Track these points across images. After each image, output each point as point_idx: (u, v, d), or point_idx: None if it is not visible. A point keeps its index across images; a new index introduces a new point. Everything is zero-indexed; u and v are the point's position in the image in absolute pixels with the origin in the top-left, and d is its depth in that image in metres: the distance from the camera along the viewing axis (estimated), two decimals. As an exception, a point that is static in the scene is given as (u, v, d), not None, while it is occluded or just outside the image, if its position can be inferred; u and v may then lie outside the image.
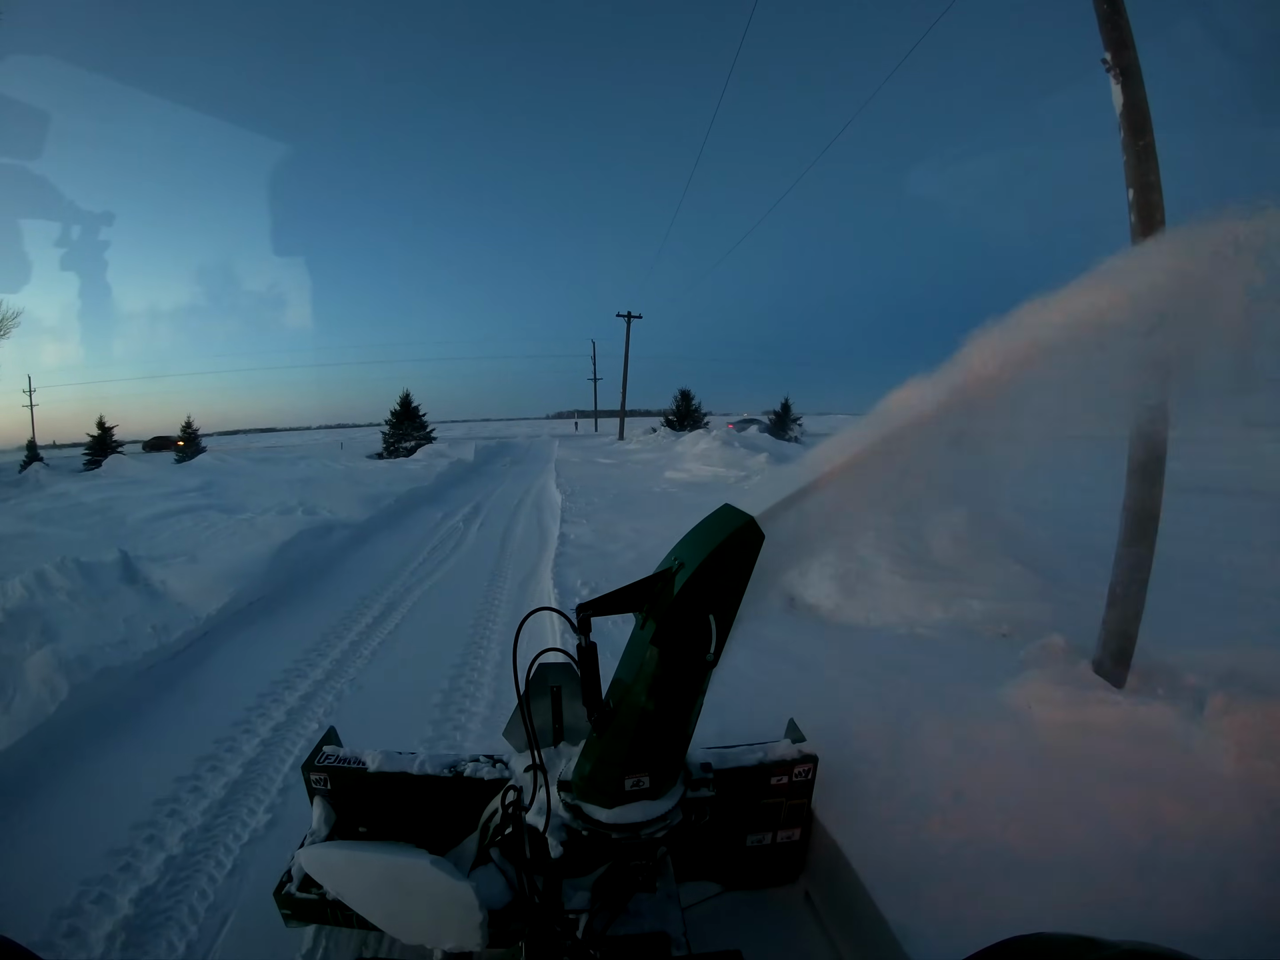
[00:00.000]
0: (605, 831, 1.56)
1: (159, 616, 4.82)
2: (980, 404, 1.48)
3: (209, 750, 3.14)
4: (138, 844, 2.48)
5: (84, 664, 3.84)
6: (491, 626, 4.56)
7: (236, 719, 3.42)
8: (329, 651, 4.27)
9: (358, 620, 4.85)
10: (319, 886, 1.75)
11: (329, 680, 3.87)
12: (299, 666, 4.06)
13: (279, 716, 3.45)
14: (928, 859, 1.87)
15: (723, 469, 10.61)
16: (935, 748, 2.39)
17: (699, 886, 2.09)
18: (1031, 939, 0.86)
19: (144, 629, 4.58)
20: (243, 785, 2.87)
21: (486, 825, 1.82)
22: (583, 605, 1.47)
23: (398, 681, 3.79)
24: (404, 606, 5.10)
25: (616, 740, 1.53)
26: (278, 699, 3.64)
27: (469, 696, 3.58)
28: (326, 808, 2.01)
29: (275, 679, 3.88)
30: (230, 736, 3.26)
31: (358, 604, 5.21)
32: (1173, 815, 1.97)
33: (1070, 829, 1.95)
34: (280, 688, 3.78)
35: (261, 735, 3.27)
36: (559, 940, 1.55)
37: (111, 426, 25.38)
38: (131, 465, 20.24)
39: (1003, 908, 1.69)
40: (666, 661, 1.44)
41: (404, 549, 7.13)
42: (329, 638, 4.51)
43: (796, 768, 2.03)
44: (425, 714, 3.38)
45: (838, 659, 3.32)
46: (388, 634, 4.49)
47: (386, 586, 5.69)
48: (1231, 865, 1.77)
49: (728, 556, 1.42)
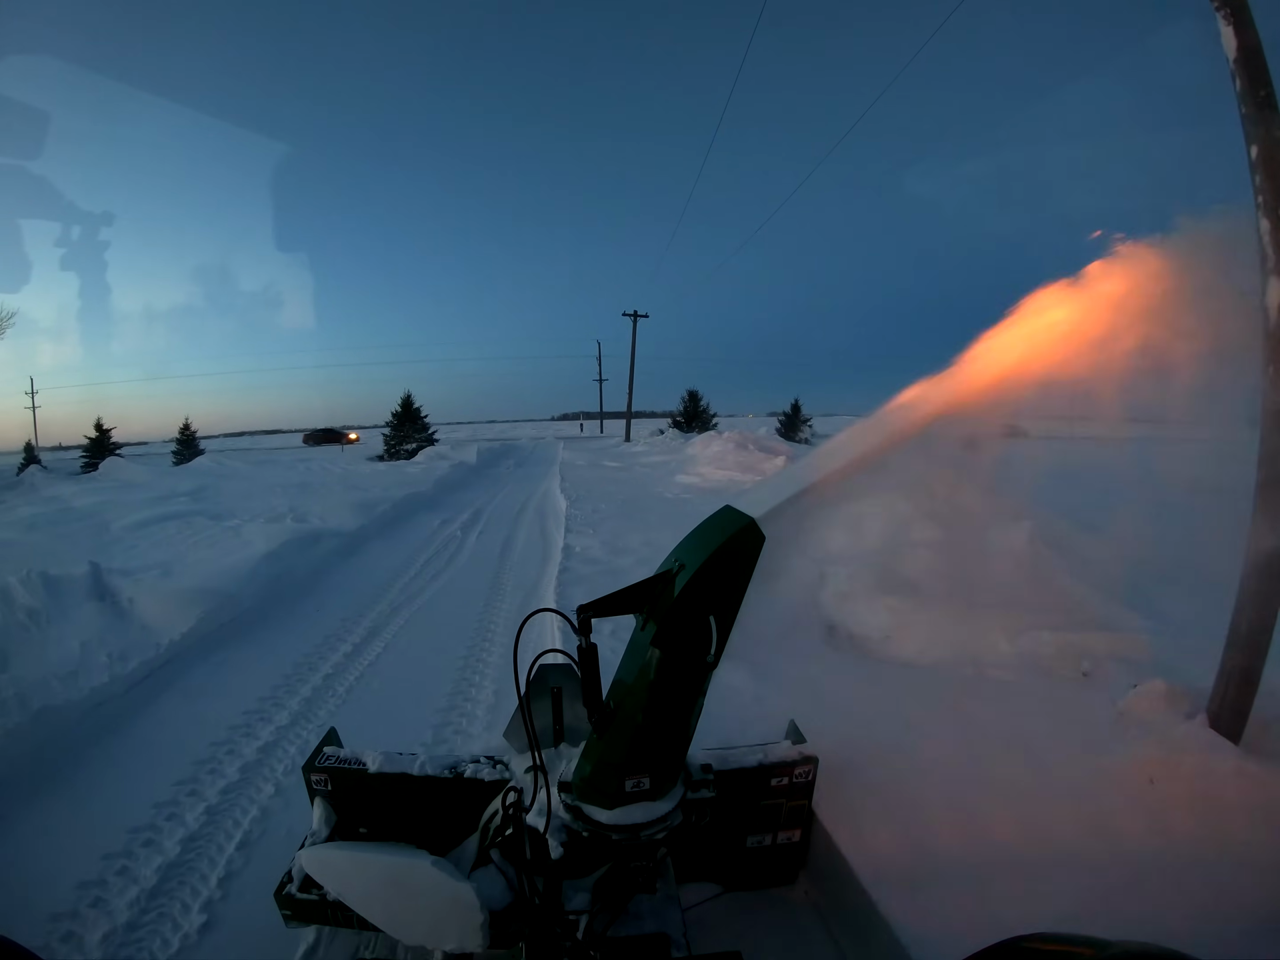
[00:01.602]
0: (605, 833, 1.55)
1: (118, 641, 4.34)
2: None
3: (146, 819, 2.61)
4: (53, 943, 1.99)
5: (22, 703, 3.35)
6: (485, 659, 4.00)
7: (182, 777, 2.89)
8: (298, 688, 3.74)
9: (335, 648, 4.31)
10: (319, 887, 1.73)
11: (294, 726, 3.34)
12: (263, 707, 3.53)
13: (231, 774, 2.93)
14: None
15: (738, 473, 10.04)
16: (1056, 860, 1.85)
17: (699, 888, 2.06)
18: (1031, 939, 0.85)
19: (99, 657, 4.09)
20: (178, 871, 2.34)
21: (487, 826, 1.81)
22: (583, 606, 1.46)
23: (373, 731, 3.24)
24: (388, 632, 4.55)
25: (617, 741, 1.53)
26: (233, 751, 3.11)
27: (456, 750, 3.04)
28: (327, 809, 1.98)
29: (234, 723, 3.35)
30: (172, 800, 2.74)
31: (338, 627, 4.67)
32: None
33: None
34: (239, 735, 3.25)
35: (208, 800, 2.74)
36: (559, 941, 1.53)
37: (110, 429, 25.01)
38: (128, 468, 19.99)
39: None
40: (667, 663, 1.44)
41: (395, 561, 6.59)
42: (301, 670, 3.97)
43: (797, 769, 2.02)
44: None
45: (892, 709, 2.76)
46: (367, 666, 3.95)
47: (372, 606, 5.15)
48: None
49: (728, 558, 1.42)
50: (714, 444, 12.79)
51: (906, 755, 2.36)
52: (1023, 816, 2.05)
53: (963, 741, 2.48)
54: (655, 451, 18.00)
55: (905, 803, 2.12)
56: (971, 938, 0.93)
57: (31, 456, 26.93)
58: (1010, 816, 2.05)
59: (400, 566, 6.36)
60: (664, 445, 19.47)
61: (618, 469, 14.03)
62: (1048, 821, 2.03)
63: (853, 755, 2.28)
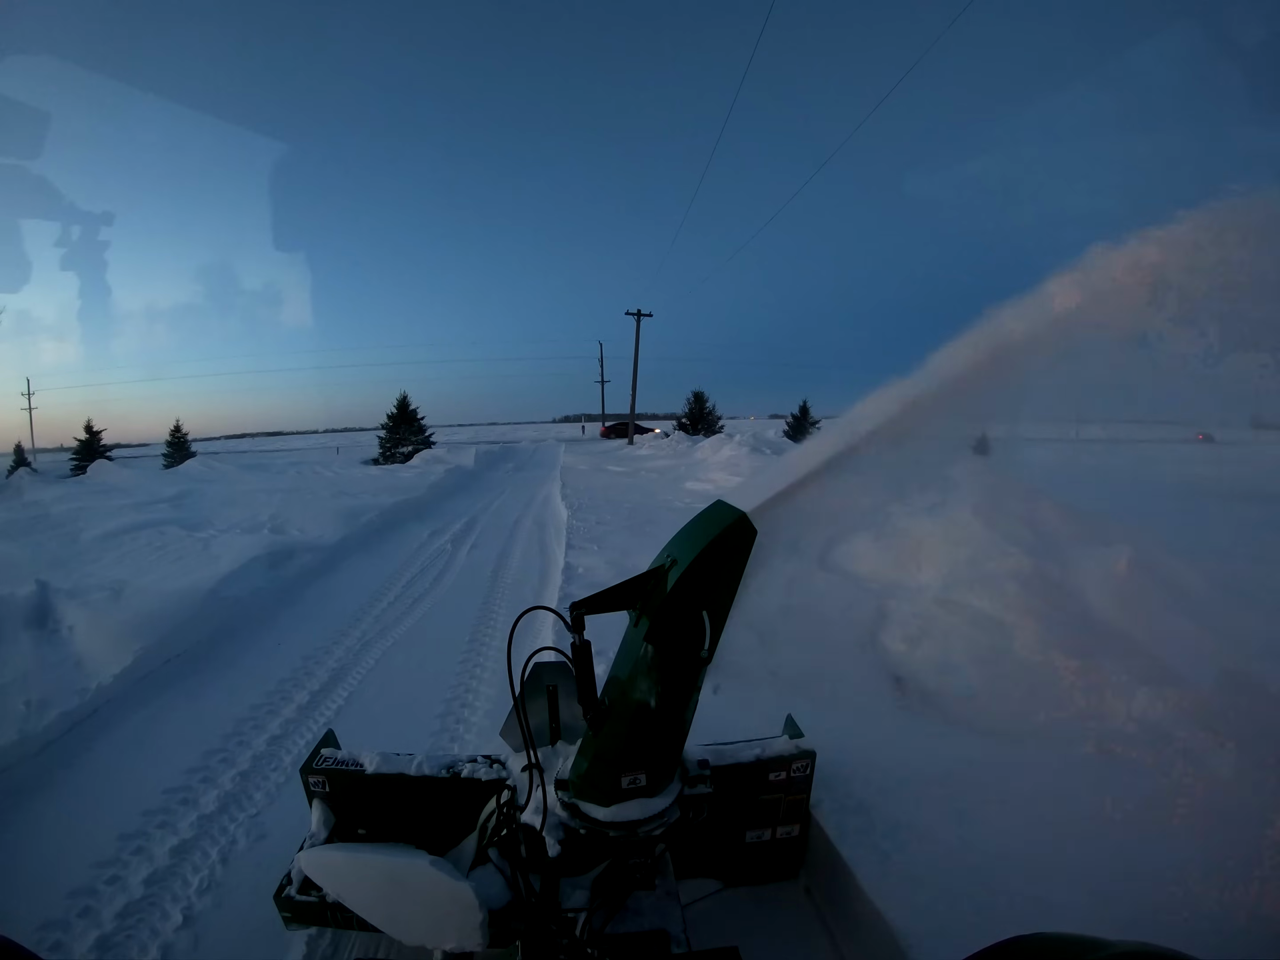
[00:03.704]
0: (603, 829, 1.54)
1: (44, 683, 3.70)
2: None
3: (30, 939, 1.94)
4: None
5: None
6: (467, 719, 3.27)
7: (78, 885, 2.20)
8: (238, 753, 3.02)
9: (290, 697, 3.60)
10: (319, 889, 1.71)
11: (227, 810, 2.63)
12: (189, 782, 2.81)
13: (141, 872, 2.24)
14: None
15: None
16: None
17: (699, 883, 2.04)
18: (1031, 939, 0.83)
19: (16, 705, 3.43)
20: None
21: (485, 825, 1.81)
22: (576, 603, 1.47)
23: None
24: (354, 678, 3.81)
25: (612, 738, 1.52)
26: (143, 850, 2.40)
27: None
28: (325, 810, 1.97)
29: (151, 806, 2.64)
30: (63, 922, 2.06)
31: (297, 670, 3.95)
32: None
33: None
34: (153, 822, 2.55)
35: (104, 928, 2.04)
36: (555, 939, 1.51)
37: (100, 431, 24.34)
38: (115, 472, 19.48)
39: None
40: (661, 659, 1.43)
41: (375, 581, 5.88)
42: (244, 726, 3.27)
43: (794, 763, 2.00)
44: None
45: (996, 816, 2.04)
46: (325, 724, 3.24)
47: (340, 641, 4.42)
48: None
49: (720, 553, 1.40)
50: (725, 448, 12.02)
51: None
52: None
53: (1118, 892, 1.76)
54: (662, 455, 17.22)
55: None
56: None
57: (21, 459, 26.41)
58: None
59: (379, 588, 5.64)
60: (670, 449, 18.70)
61: (622, 474, 13.29)
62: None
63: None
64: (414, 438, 23.33)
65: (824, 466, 1.44)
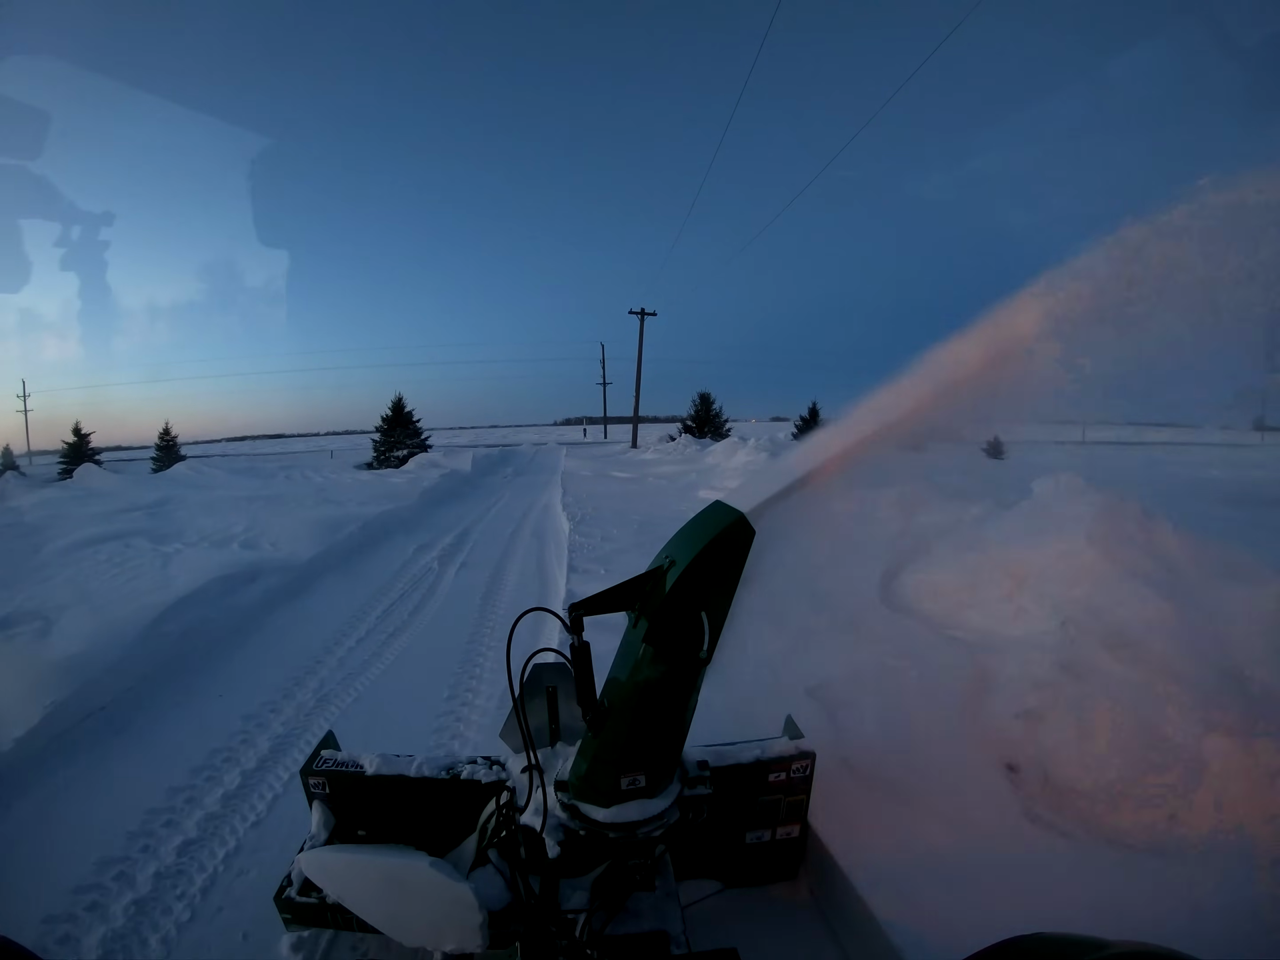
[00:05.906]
0: (602, 831, 1.53)
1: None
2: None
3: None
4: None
5: None
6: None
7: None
8: (160, 845, 2.30)
9: (235, 762, 2.86)
10: (319, 890, 1.71)
11: (141, 920, 1.90)
12: (101, 879, 2.11)
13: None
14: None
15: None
16: None
17: (699, 884, 2.01)
18: (1031, 939, 0.83)
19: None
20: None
21: (485, 826, 1.80)
22: (575, 604, 1.45)
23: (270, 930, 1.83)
24: (306, 741, 3.05)
25: (612, 739, 1.51)
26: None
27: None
28: (325, 812, 1.94)
29: (56, 911, 1.90)
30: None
31: (238, 730, 3.20)
32: None
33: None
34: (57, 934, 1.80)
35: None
36: (554, 940, 1.48)
37: (88, 433, 23.65)
38: (100, 476, 18.82)
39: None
40: (660, 660, 1.42)
41: (347, 608, 5.11)
42: (173, 812, 2.52)
43: (794, 764, 1.97)
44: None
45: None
46: (272, 801, 2.49)
47: (295, 691, 3.64)
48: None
49: (718, 553, 1.39)
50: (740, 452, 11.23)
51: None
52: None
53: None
54: (668, 460, 16.39)
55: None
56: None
57: (9, 462, 25.79)
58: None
59: (351, 619, 4.86)
60: (677, 453, 17.89)
61: (627, 480, 12.51)
62: None
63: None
64: (409, 441, 22.57)
65: (824, 466, 1.42)
